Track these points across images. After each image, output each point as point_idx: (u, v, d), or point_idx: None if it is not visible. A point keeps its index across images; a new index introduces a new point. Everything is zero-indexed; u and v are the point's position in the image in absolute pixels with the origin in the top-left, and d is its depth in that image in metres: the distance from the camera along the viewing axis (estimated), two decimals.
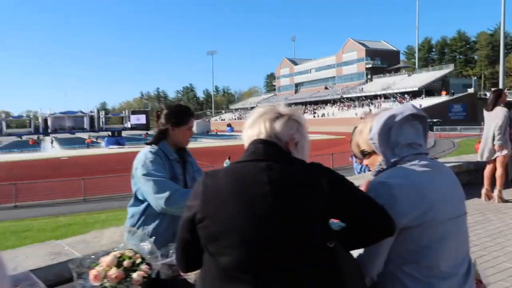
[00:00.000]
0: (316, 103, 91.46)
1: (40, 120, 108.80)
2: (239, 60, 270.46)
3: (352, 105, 77.88)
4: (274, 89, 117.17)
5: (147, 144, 2.16)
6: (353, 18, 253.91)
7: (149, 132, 79.64)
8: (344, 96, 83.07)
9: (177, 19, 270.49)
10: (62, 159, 35.75)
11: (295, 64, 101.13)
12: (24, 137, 76.33)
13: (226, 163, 20.28)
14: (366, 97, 77.85)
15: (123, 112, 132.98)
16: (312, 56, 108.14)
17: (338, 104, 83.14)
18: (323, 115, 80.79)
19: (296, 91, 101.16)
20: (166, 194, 1.90)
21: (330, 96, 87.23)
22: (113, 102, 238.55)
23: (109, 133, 56.05)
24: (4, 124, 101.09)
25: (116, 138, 48.66)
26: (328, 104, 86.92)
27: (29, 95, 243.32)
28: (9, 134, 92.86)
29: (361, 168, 6.50)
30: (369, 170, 1.61)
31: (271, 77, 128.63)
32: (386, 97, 73.47)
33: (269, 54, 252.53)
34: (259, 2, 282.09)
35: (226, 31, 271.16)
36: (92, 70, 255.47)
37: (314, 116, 79.96)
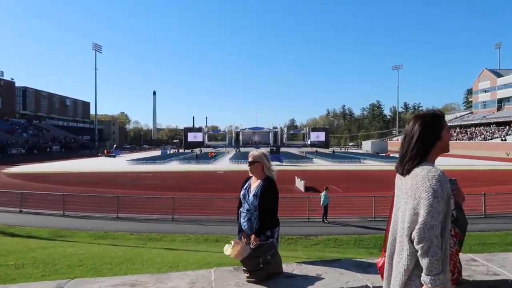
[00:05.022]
0: None
1: (233, 134, 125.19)
2: (432, 73, 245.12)
3: None
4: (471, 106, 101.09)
5: None
6: None
7: (309, 150, 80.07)
8: None
9: (363, 36, 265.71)
10: (218, 173, 38.77)
11: (499, 76, 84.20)
12: (215, 150, 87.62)
13: (324, 195, 18.08)
14: None
15: (304, 129, 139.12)
16: None
17: None
18: None
19: (499, 108, 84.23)
20: None
21: None
22: (301, 119, 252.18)
23: (269, 149, 58.60)
24: (206, 136, 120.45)
25: (276, 155, 50.48)
26: None
27: (233, 113, 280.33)
28: (208, 146, 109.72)
29: None
30: None
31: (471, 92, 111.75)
32: None
33: (471, 65, 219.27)
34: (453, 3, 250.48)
35: (415, 42, 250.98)
36: (284, 89, 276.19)
37: None
